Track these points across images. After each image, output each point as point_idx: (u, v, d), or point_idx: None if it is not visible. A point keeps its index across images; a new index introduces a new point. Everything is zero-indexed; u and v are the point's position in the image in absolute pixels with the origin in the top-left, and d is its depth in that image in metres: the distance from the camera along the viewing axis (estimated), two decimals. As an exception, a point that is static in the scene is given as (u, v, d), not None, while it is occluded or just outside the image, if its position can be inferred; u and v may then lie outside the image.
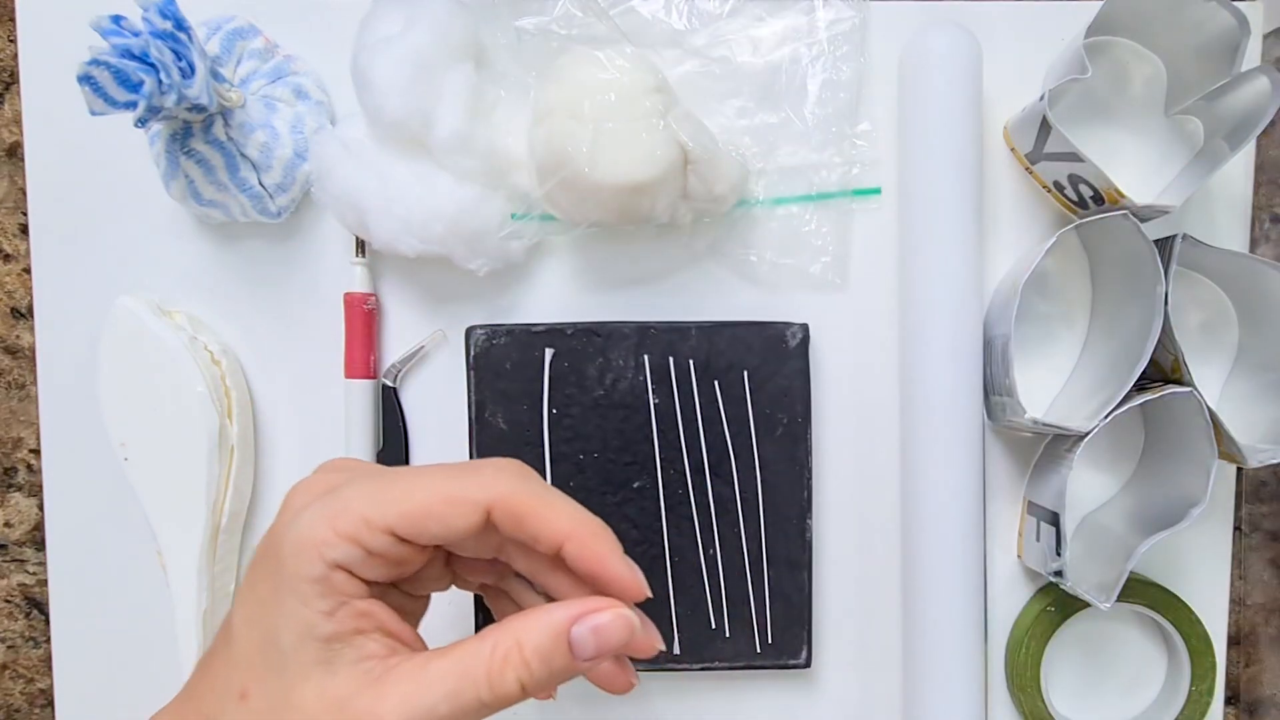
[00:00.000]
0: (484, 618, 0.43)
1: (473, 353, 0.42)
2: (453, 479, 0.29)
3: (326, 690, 0.27)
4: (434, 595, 0.34)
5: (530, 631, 0.28)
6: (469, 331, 0.42)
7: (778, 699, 0.45)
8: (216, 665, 0.29)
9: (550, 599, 0.32)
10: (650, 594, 0.29)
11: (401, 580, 0.31)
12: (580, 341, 0.42)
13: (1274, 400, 0.41)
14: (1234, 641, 0.46)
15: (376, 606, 0.29)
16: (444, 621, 0.45)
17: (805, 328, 0.43)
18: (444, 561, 0.33)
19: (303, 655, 0.27)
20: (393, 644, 0.28)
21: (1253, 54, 0.43)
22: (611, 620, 0.28)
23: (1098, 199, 0.41)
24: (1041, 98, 0.39)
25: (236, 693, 0.28)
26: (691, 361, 0.42)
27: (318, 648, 0.27)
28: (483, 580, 0.34)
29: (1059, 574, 0.40)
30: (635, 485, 0.42)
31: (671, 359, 0.42)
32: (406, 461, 0.45)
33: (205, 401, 0.42)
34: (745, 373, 0.42)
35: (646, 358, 0.42)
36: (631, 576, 0.29)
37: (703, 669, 0.43)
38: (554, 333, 0.42)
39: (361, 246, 0.44)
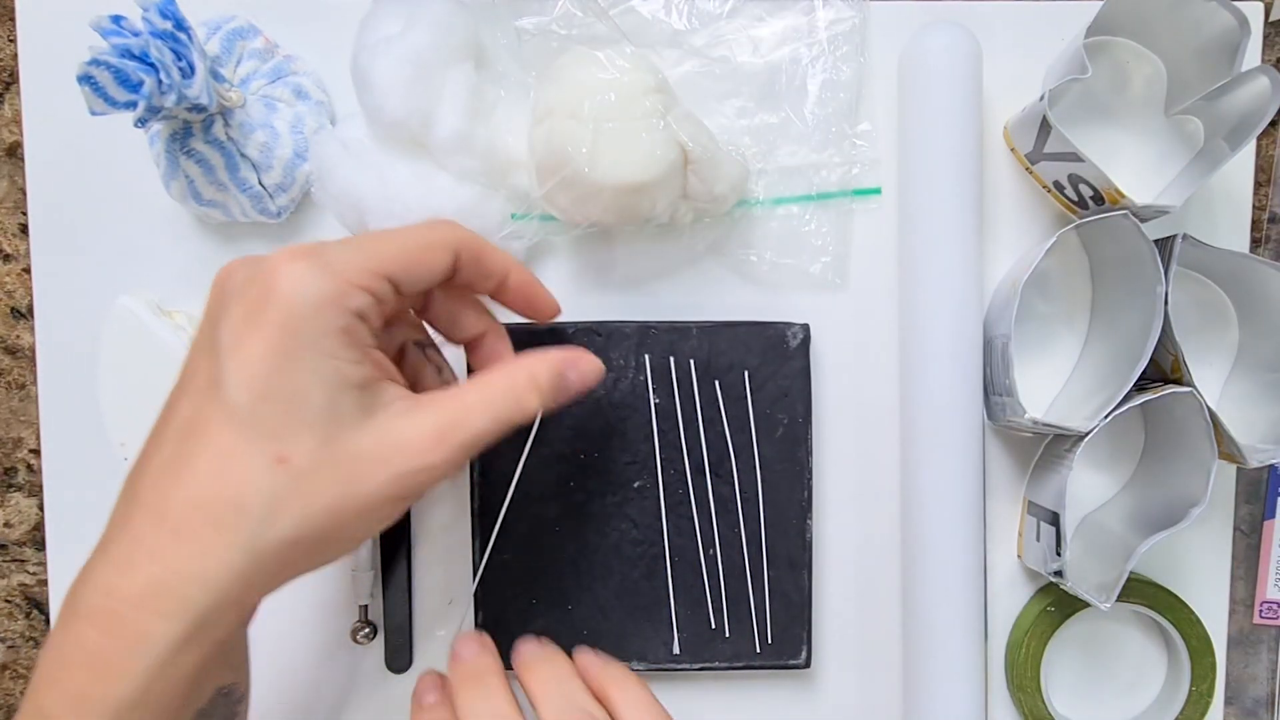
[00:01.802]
0: (483, 616, 0.43)
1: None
2: (421, 232, 0.32)
3: (376, 431, 0.29)
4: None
5: (540, 367, 0.33)
6: (469, 331, 0.42)
7: (777, 699, 0.45)
8: (207, 453, 0.28)
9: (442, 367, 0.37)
10: (561, 309, 0.38)
11: None
12: (581, 341, 0.42)
13: (1274, 400, 0.41)
14: (1234, 642, 0.46)
15: (384, 358, 0.32)
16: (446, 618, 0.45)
17: (806, 328, 0.43)
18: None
19: (341, 407, 0.29)
20: (404, 389, 0.31)
21: (1253, 54, 0.43)
22: (591, 367, 0.36)
23: (1098, 199, 0.41)
24: (1041, 98, 0.39)
25: (271, 460, 0.28)
26: (692, 361, 0.42)
27: (355, 396, 0.29)
28: (396, 345, 0.36)
29: (1059, 574, 0.40)
30: (635, 485, 0.43)
31: (672, 359, 0.42)
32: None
33: (205, 401, 0.42)
34: (746, 373, 0.42)
35: (647, 357, 0.42)
36: (551, 295, 0.37)
37: (702, 669, 0.43)
38: (555, 332, 0.42)
39: (361, 247, 0.44)
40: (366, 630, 0.44)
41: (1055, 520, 0.40)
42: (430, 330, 0.37)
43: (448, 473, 0.30)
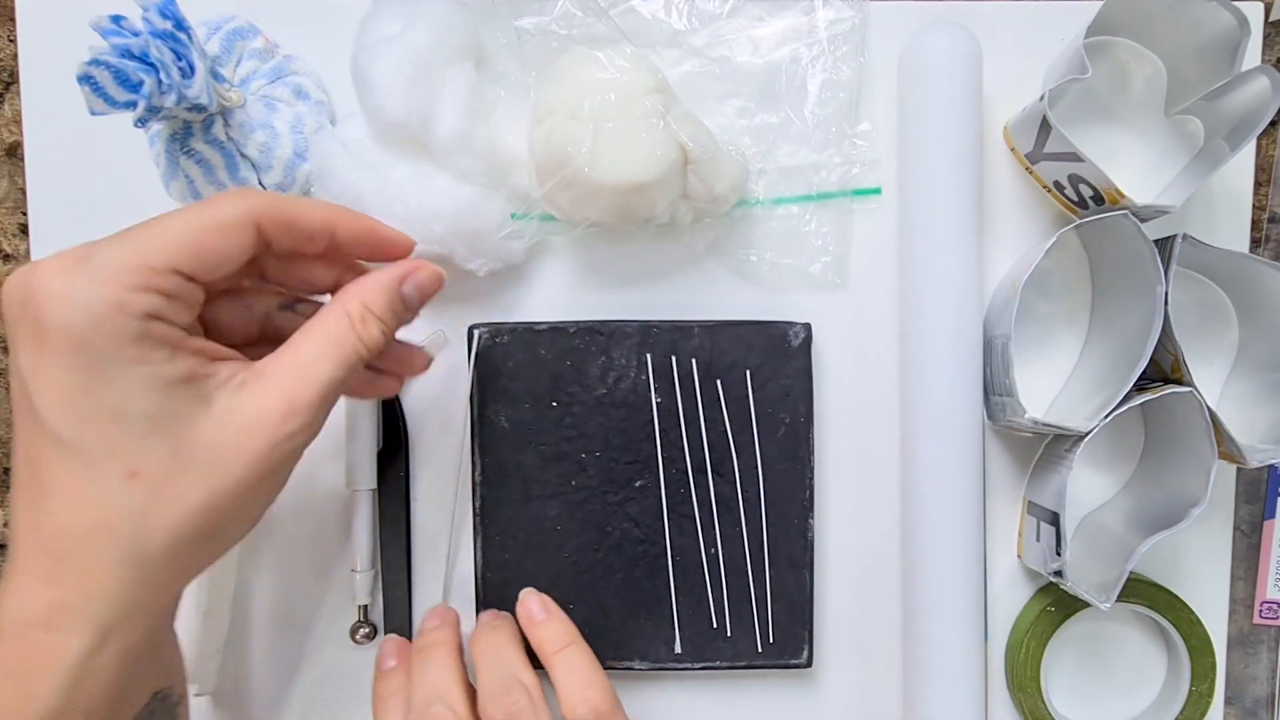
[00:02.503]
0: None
1: (475, 352, 0.42)
2: (207, 211, 0.30)
3: (219, 417, 0.29)
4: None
5: (371, 293, 0.32)
6: (471, 330, 0.42)
7: (779, 699, 0.45)
8: (56, 483, 0.27)
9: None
10: (415, 242, 0.35)
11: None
12: (583, 340, 0.42)
13: (1274, 400, 0.41)
14: (1234, 642, 0.46)
15: (206, 342, 0.30)
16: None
17: (808, 328, 0.43)
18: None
19: (172, 405, 0.28)
20: (240, 364, 0.30)
21: (1253, 54, 0.43)
22: (429, 275, 0.34)
23: (1098, 199, 0.41)
24: (1041, 98, 0.39)
25: (121, 478, 0.27)
26: (694, 361, 0.42)
27: (182, 392, 0.28)
28: (257, 316, 0.35)
29: (1059, 574, 0.40)
30: (637, 484, 0.43)
31: (674, 358, 0.42)
32: (407, 465, 0.44)
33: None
34: (748, 372, 0.42)
35: (649, 357, 0.42)
36: (401, 234, 0.35)
37: (704, 668, 0.43)
38: (556, 331, 0.42)
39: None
40: (366, 630, 0.44)
41: (1055, 520, 0.40)
42: None
43: (312, 432, 0.30)
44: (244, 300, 0.34)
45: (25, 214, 0.45)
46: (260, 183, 0.42)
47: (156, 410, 0.27)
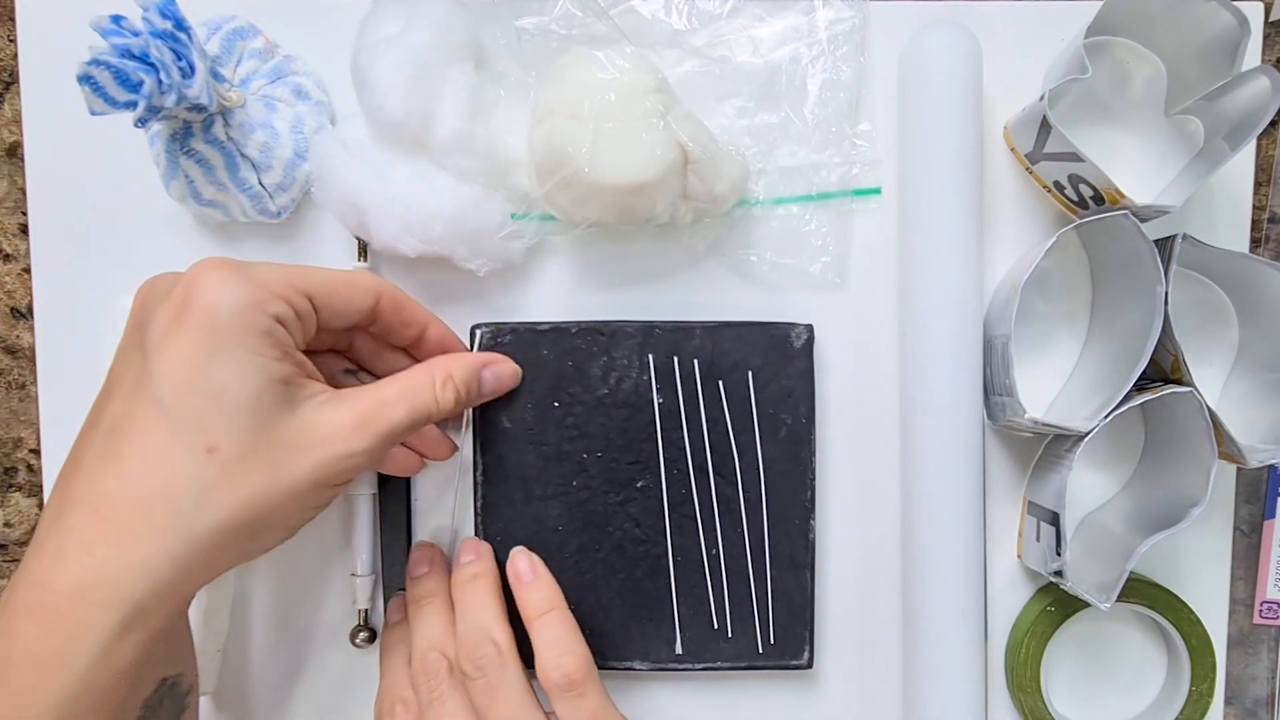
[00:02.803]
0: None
1: (476, 351, 0.42)
2: (346, 273, 0.36)
3: (299, 421, 0.32)
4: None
5: (457, 366, 0.37)
6: (473, 330, 0.42)
7: (779, 700, 0.45)
8: (135, 446, 0.30)
9: None
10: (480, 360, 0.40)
11: None
12: (584, 340, 0.42)
13: (1274, 400, 0.41)
14: (1234, 642, 0.46)
15: (308, 361, 0.34)
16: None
17: (810, 328, 0.43)
18: None
19: (265, 399, 0.31)
20: (326, 385, 0.34)
21: (1253, 54, 0.43)
22: (509, 371, 0.41)
23: (1098, 199, 0.41)
24: (1041, 98, 0.39)
25: (199, 450, 0.30)
26: (696, 361, 0.42)
27: (278, 390, 0.31)
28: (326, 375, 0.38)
29: (1059, 574, 0.40)
30: (638, 485, 0.42)
31: (676, 359, 0.42)
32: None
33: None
34: (749, 373, 0.42)
35: (651, 357, 0.42)
36: (469, 350, 0.41)
37: (704, 669, 0.43)
38: (558, 331, 0.42)
39: (363, 249, 0.44)
40: (366, 634, 0.44)
41: (1055, 520, 0.40)
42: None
43: (369, 460, 0.33)
44: (322, 357, 0.38)
45: (25, 214, 0.45)
46: (260, 182, 0.42)
47: (253, 398, 0.30)
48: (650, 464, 0.42)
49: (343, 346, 0.40)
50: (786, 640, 0.43)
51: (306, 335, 0.34)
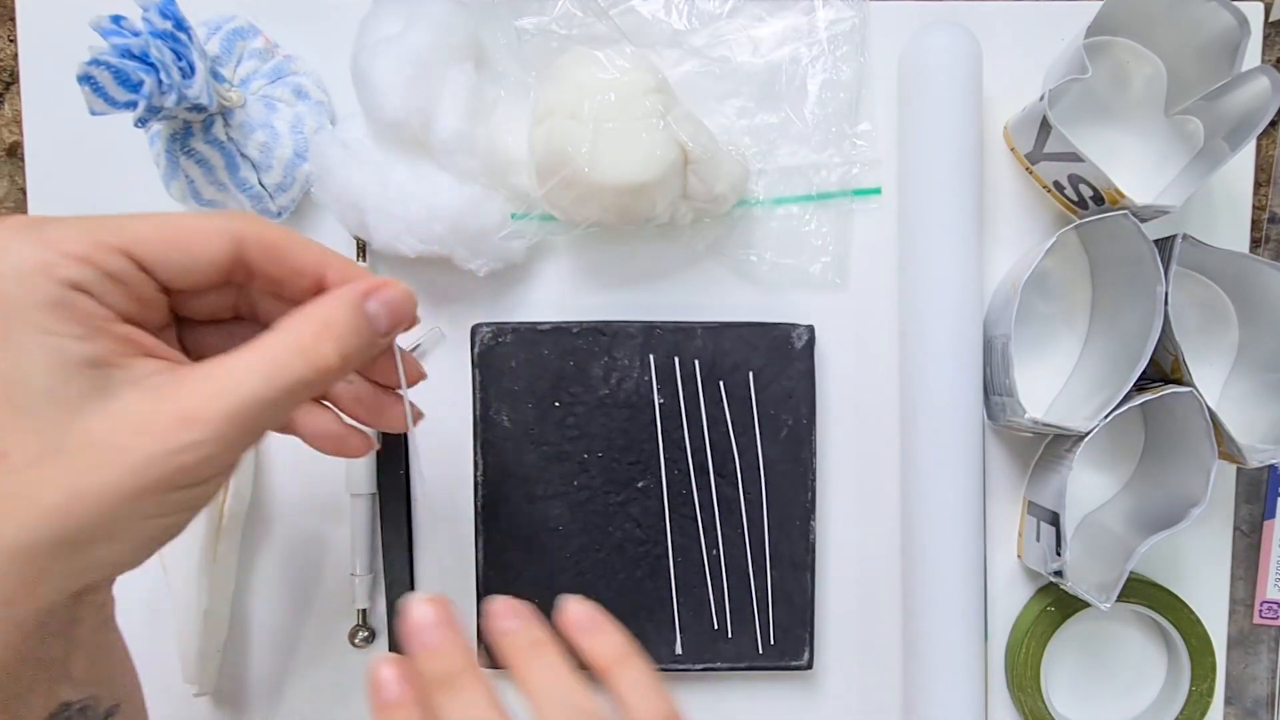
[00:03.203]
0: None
1: (477, 351, 0.42)
2: (195, 217, 0.28)
3: (113, 412, 0.25)
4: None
5: (332, 307, 0.28)
6: (474, 330, 0.42)
7: (780, 700, 0.45)
8: None
9: None
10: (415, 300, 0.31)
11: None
12: (586, 340, 0.42)
13: (1274, 400, 0.41)
14: (1234, 642, 0.46)
15: (140, 334, 0.27)
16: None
17: (811, 329, 0.43)
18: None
19: (68, 388, 0.25)
20: (168, 363, 0.27)
21: (1253, 54, 0.43)
22: (399, 293, 0.29)
23: (1098, 199, 0.41)
24: (1041, 98, 0.39)
25: None
26: (697, 362, 0.42)
27: (85, 376, 0.25)
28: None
29: (1059, 574, 0.40)
30: (639, 485, 0.42)
31: (677, 359, 0.42)
32: (406, 467, 0.44)
33: (205, 402, 0.42)
34: (750, 373, 0.42)
35: (652, 357, 0.42)
36: (397, 284, 0.30)
37: (705, 669, 0.43)
38: (559, 331, 0.42)
39: (363, 250, 0.44)
40: (365, 634, 0.44)
41: (1055, 520, 0.40)
42: None
43: (215, 451, 0.26)
44: (229, 330, 0.32)
45: (25, 214, 0.45)
46: (260, 182, 0.42)
47: (47, 387, 0.25)
48: (651, 464, 0.42)
49: (236, 310, 0.32)
50: (787, 641, 0.43)
51: (136, 301, 0.27)
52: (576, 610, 0.32)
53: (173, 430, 0.25)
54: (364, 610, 0.44)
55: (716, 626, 0.43)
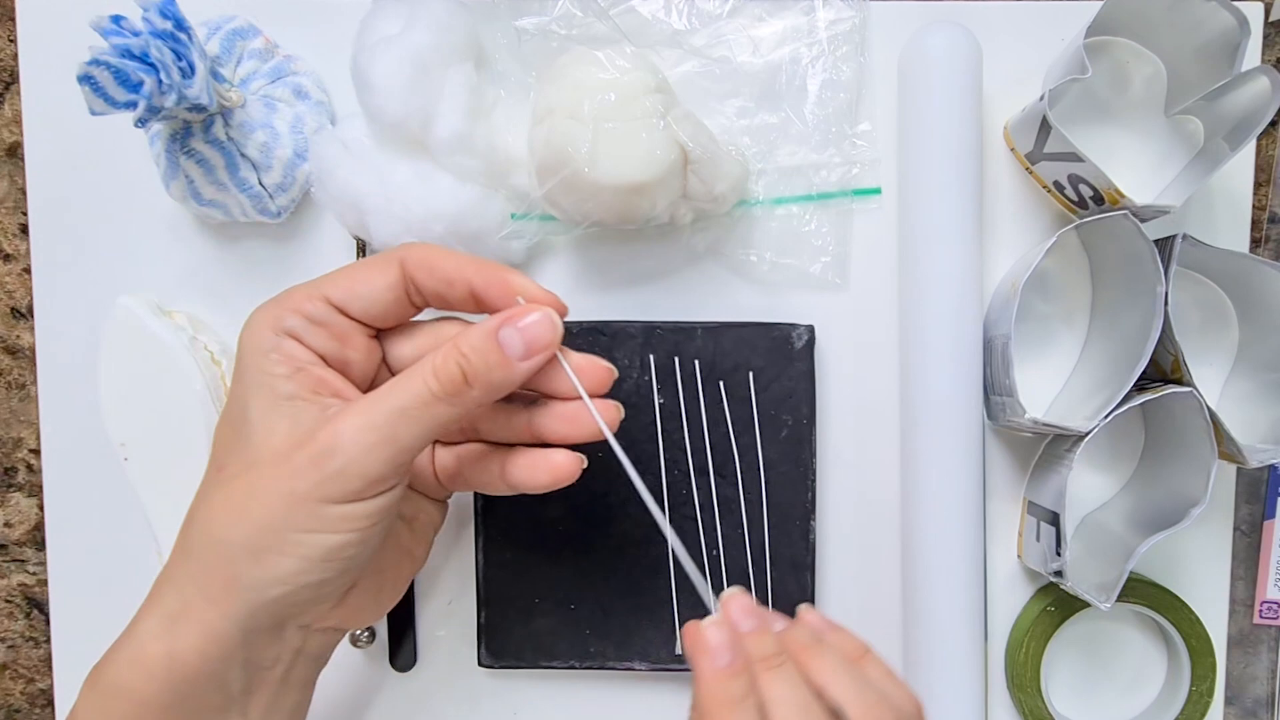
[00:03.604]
0: (485, 616, 0.43)
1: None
2: (373, 255, 0.33)
3: (293, 432, 0.29)
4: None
5: (466, 332, 0.30)
6: (471, 331, 0.42)
7: (778, 699, 0.45)
8: (205, 470, 0.32)
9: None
10: (562, 304, 0.32)
11: (360, 386, 0.33)
12: (586, 341, 0.42)
13: (1274, 400, 0.41)
14: (1234, 642, 0.46)
15: (332, 375, 0.31)
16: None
17: (811, 329, 0.43)
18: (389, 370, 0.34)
19: (269, 416, 0.30)
20: (346, 400, 0.31)
21: (1253, 54, 0.43)
22: (537, 320, 0.31)
23: (1098, 199, 0.41)
24: (1041, 98, 0.39)
25: (215, 470, 0.31)
26: (697, 362, 0.42)
27: (283, 406, 0.30)
28: None
29: (1059, 574, 0.40)
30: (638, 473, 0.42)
31: (677, 359, 0.42)
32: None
33: (205, 401, 0.42)
34: (750, 374, 0.42)
35: (652, 357, 0.42)
36: (543, 290, 0.32)
37: (703, 669, 0.43)
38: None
39: (362, 250, 0.44)
40: (365, 634, 0.44)
41: (1055, 520, 0.40)
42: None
43: (355, 466, 0.28)
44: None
45: (25, 214, 0.45)
46: (260, 182, 0.42)
47: (257, 417, 0.30)
48: (651, 464, 0.42)
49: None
50: (786, 640, 0.43)
51: (336, 339, 0.31)
52: (812, 617, 0.33)
53: (315, 444, 0.29)
54: (364, 610, 0.44)
55: (716, 626, 0.43)
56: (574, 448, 0.34)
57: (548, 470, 0.34)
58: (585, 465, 0.34)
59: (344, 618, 0.33)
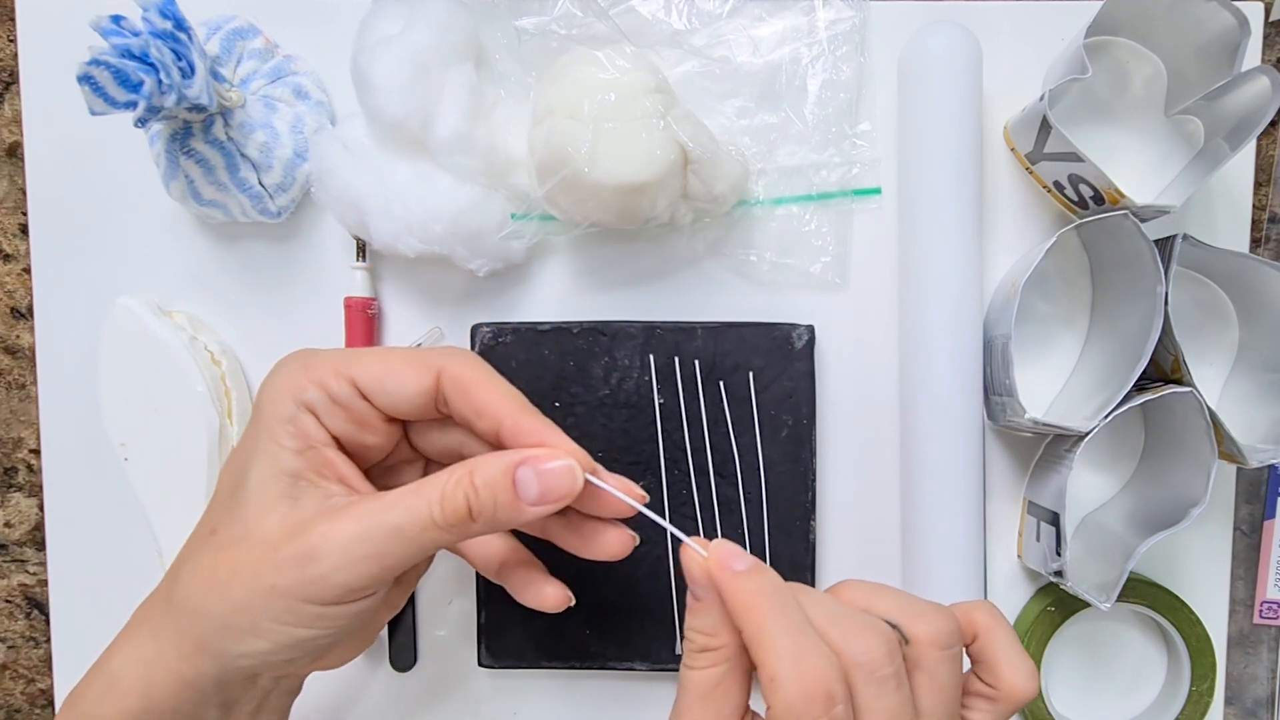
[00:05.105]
0: (485, 616, 0.43)
1: (477, 351, 0.42)
2: (410, 351, 0.32)
3: (287, 518, 0.29)
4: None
5: (482, 464, 0.29)
6: (474, 330, 0.42)
7: (778, 699, 0.45)
8: (200, 518, 0.31)
9: None
10: (586, 459, 0.30)
11: (374, 462, 0.33)
12: (586, 341, 0.42)
13: (1274, 400, 0.41)
14: (1234, 642, 0.46)
15: (341, 460, 0.30)
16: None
17: (811, 329, 0.43)
18: (411, 446, 0.34)
19: (269, 489, 0.29)
20: (353, 493, 0.30)
21: (1253, 54, 0.43)
22: (558, 468, 0.29)
23: (1098, 199, 0.41)
24: (1041, 98, 0.39)
25: (208, 531, 0.30)
26: (697, 362, 0.42)
27: (284, 483, 0.29)
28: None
29: (1059, 574, 0.40)
30: (639, 485, 0.42)
31: (677, 359, 0.42)
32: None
33: (205, 401, 0.42)
34: (750, 374, 0.42)
35: (652, 357, 0.42)
36: (576, 448, 0.30)
37: (703, 669, 0.43)
38: (560, 331, 0.42)
39: (362, 250, 0.44)
40: (366, 631, 0.44)
41: (1055, 520, 0.40)
42: None
43: (339, 574, 0.28)
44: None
45: (25, 214, 0.45)
46: (260, 182, 0.42)
47: (257, 486, 0.29)
48: (651, 464, 0.42)
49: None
50: (786, 640, 0.43)
51: (354, 423, 0.30)
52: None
53: (304, 543, 0.28)
54: (364, 610, 0.44)
55: (716, 626, 0.43)
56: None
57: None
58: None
59: (321, 665, 0.33)
